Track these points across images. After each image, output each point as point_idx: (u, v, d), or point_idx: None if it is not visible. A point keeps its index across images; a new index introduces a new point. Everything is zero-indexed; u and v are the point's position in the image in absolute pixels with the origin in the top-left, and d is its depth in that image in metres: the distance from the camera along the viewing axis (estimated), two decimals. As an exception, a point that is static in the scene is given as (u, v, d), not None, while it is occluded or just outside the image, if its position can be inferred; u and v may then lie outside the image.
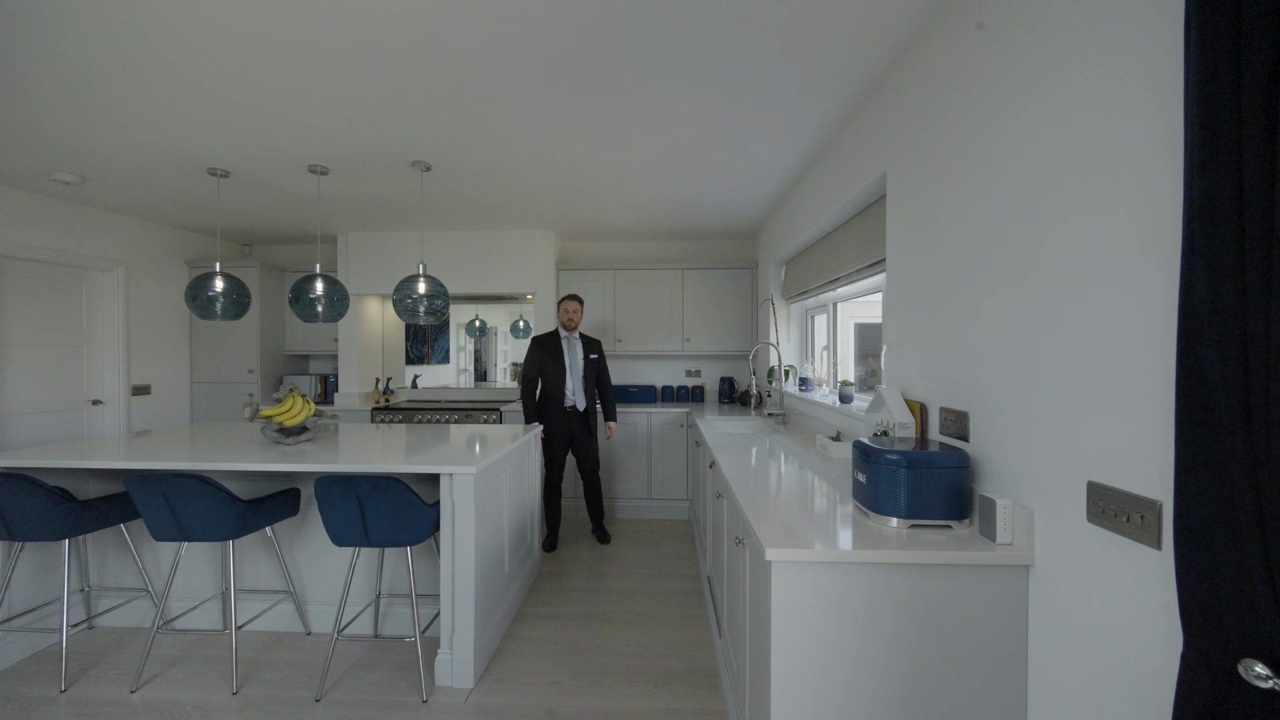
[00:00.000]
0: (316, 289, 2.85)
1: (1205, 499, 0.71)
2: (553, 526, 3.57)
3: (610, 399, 3.69)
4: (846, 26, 1.67)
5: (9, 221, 3.23)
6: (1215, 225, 0.67)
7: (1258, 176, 0.63)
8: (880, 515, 1.41)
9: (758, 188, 3.31)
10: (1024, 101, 1.22)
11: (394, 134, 2.49)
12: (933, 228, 1.63)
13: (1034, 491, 1.20)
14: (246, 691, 2.10)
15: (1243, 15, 0.64)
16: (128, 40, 1.74)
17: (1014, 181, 1.25)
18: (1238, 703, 0.69)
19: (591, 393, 3.57)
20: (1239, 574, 0.68)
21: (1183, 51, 0.75)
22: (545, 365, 3.45)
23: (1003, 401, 1.30)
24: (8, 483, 2.04)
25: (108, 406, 3.86)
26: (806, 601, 1.26)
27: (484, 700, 2.04)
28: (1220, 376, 0.67)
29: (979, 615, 1.24)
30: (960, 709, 1.24)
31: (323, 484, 1.98)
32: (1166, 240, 0.87)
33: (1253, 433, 0.64)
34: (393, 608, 2.52)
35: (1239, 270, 0.65)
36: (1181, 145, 0.80)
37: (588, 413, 3.53)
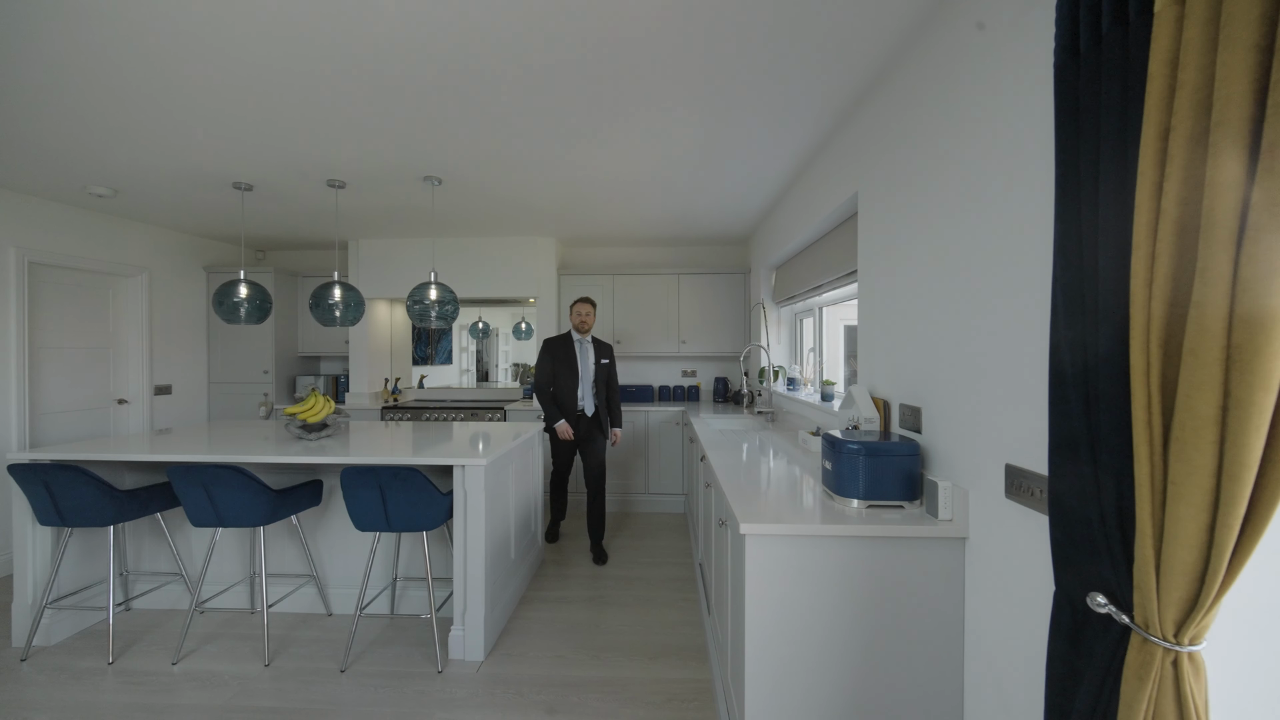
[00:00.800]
0: (335, 295, 3.06)
1: (1065, 472, 0.91)
2: (556, 517, 3.70)
3: (618, 405, 3.66)
4: (822, 59, 1.88)
5: (45, 232, 3.44)
6: (1065, 260, 0.87)
7: (1102, 231, 0.83)
8: (843, 497, 1.61)
9: (748, 199, 3.52)
10: (960, 151, 1.43)
11: (408, 153, 2.69)
12: (895, 245, 1.84)
13: (969, 474, 1.40)
14: (277, 664, 2.31)
15: (1080, 114, 0.84)
16: (164, 70, 1.95)
17: (954, 214, 1.46)
18: (1089, 627, 0.89)
19: (602, 397, 3.54)
20: (1087, 529, 0.88)
21: (1055, 149, 0.95)
22: (557, 369, 3.42)
23: (947, 398, 1.51)
24: (62, 473, 2.25)
25: (132, 405, 4.07)
26: (776, 570, 1.46)
27: (494, 671, 2.25)
28: (1070, 375, 0.88)
29: (924, 579, 1.45)
30: (909, 658, 1.45)
31: (348, 474, 2.19)
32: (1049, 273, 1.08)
33: (1090, 419, 0.85)
34: (407, 590, 2.72)
35: (1079, 293, 0.85)
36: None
37: (598, 417, 3.50)
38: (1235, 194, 0.63)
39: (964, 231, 1.41)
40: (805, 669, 1.46)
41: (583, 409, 3.46)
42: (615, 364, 3.73)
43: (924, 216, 1.63)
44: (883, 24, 1.65)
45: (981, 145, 1.34)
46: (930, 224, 1.59)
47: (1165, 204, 0.70)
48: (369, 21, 1.64)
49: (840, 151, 2.38)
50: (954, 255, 1.46)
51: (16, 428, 3.28)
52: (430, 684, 2.17)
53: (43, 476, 2.26)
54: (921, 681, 1.44)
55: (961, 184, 1.43)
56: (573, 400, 3.42)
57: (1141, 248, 0.73)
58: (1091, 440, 0.85)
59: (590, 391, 3.47)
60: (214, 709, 2.04)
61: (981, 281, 1.34)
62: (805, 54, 1.81)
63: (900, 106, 1.79)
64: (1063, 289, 0.89)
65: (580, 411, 3.45)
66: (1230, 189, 0.64)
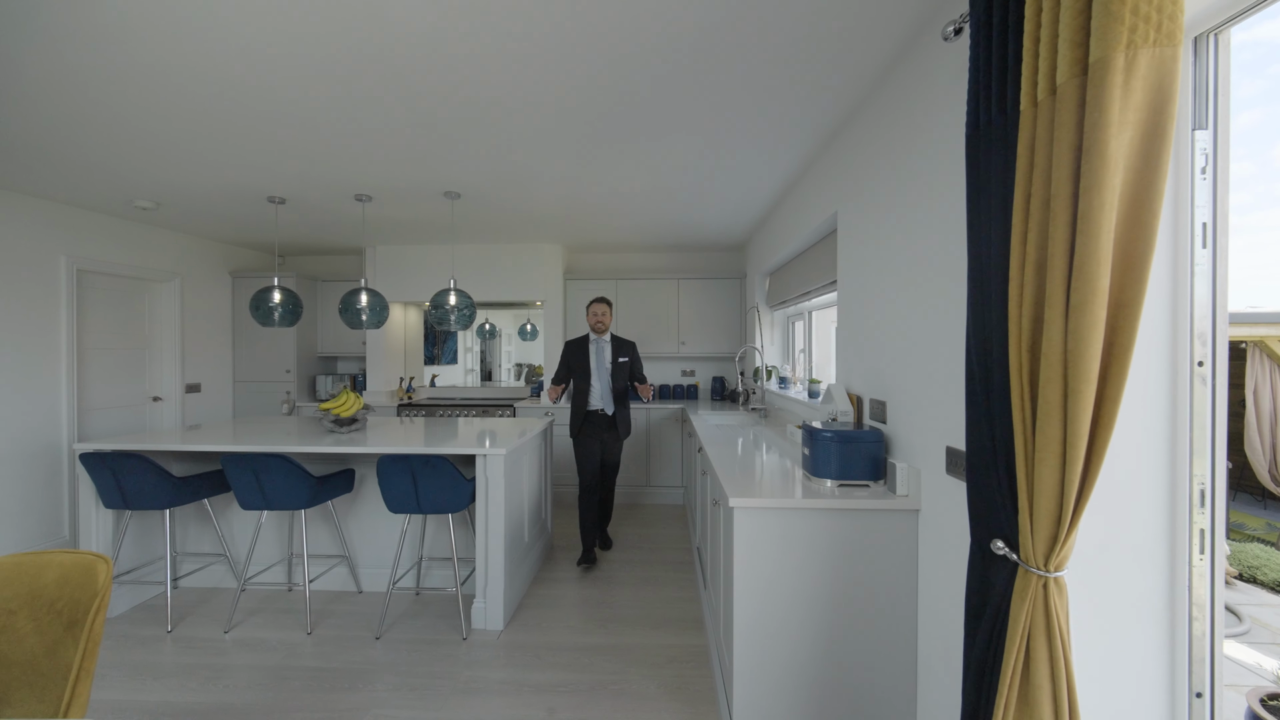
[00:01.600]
0: (362, 300, 3.33)
1: (977, 449, 1.18)
2: (589, 543, 3.37)
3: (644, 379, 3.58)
4: (805, 95, 2.15)
5: (91, 241, 3.71)
6: (973, 286, 1.14)
7: (990, 266, 1.10)
8: (819, 478, 1.88)
9: (742, 212, 3.78)
10: (908, 190, 1.70)
11: (432, 172, 2.96)
12: (867, 262, 2.11)
13: (922, 456, 1.67)
14: (318, 633, 2.58)
15: (980, 174, 1.11)
16: (209, 102, 2.21)
17: (906, 240, 1.73)
18: (993, 566, 1.16)
19: (620, 398, 3.48)
20: (990, 492, 1.15)
21: (965, 198, 1.22)
22: (573, 369, 3.44)
23: (906, 393, 1.77)
24: (127, 461, 2.52)
25: (166, 403, 4.33)
26: (760, 538, 1.73)
27: (512, 639, 2.52)
28: (977, 374, 1.15)
29: (886, 545, 1.71)
30: (874, 609, 1.71)
31: (384, 462, 2.46)
32: (979, 286, 1.34)
33: (989, 407, 1.12)
34: (431, 569, 2.99)
35: (982, 310, 1.12)
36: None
37: (617, 419, 3.45)
38: (1066, 244, 0.90)
39: (913, 256, 1.68)
40: (785, 622, 1.73)
41: (600, 409, 3.42)
42: (640, 361, 3.63)
43: (887, 239, 1.90)
44: (852, 71, 1.92)
45: (920, 187, 1.61)
46: (891, 246, 1.86)
47: (1028, 249, 0.97)
48: (406, 70, 1.90)
49: (823, 173, 2.65)
50: (907, 274, 1.73)
51: (67, 422, 3.55)
52: (456, 649, 2.44)
53: (110, 464, 2.53)
54: (884, 627, 1.71)
55: (910, 216, 1.69)
56: (585, 401, 3.41)
57: (1015, 280, 1.00)
58: (990, 423, 1.12)
59: (608, 391, 3.41)
60: (266, 668, 2.30)
61: (926, 297, 1.60)
62: (788, 92, 2.09)
63: (869, 139, 2.06)
64: (971, 308, 1.16)
65: (599, 411, 3.42)
66: (1062, 240, 0.90)
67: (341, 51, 1.79)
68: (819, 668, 1.72)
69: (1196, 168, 1.07)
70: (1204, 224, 1.07)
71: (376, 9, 1.57)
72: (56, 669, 1.14)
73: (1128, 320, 0.88)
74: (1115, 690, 1.13)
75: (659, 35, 1.70)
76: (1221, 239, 1.08)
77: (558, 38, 1.72)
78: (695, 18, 1.61)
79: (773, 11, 1.58)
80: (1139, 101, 0.82)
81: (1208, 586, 1.09)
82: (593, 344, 3.46)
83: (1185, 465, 1.09)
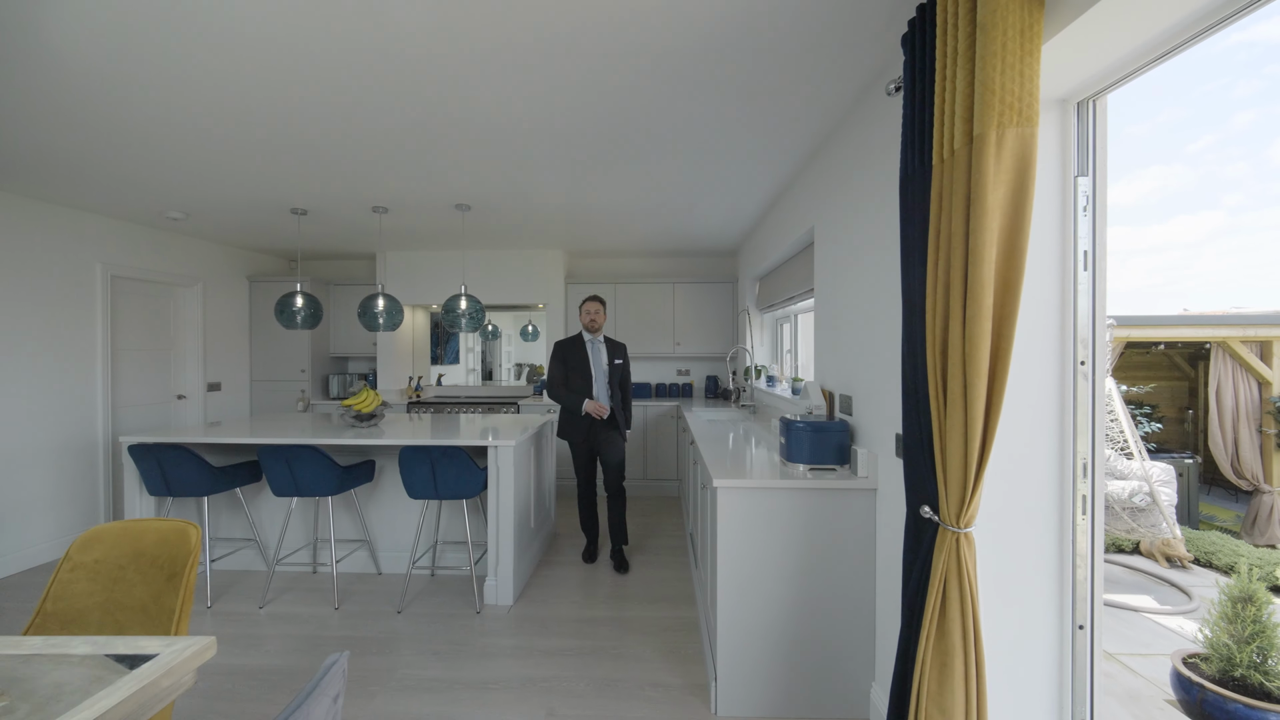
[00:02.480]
0: (379, 305, 3.59)
1: (910, 433, 1.45)
2: (591, 536, 3.52)
3: (629, 406, 3.53)
4: (779, 126, 2.42)
5: (123, 249, 3.96)
6: (905, 301, 1.41)
7: (915, 285, 1.37)
8: (792, 463, 2.15)
9: (732, 223, 4.05)
10: (864, 216, 1.96)
11: (444, 186, 3.22)
12: (839, 272, 2.38)
13: (878, 442, 1.94)
14: (345, 608, 2.84)
15: (909, 211, 1.38)
16: (241, 127, 2.48)
17: (868, 258, 2.00)
18: (923, 530, 1.43)
19: (617, 398, 3.43)
20: (919, 467, 1.42)
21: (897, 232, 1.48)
22: (570, 372, 3.34)
23: (867, 388, 2.04)
24: (172, 452, 2.78)
25: (189, 400, 4.59)
26: (740, 515, 2.00)
27: (522, 612, 2.78)
28: (908, 370, 1.41)
29: (848, 520, 1.98)
30: (837, 576, 1.98)
31: (406, 452, 2.72)
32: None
33: (918, 398, 1.39)
34: (445, 552, 3.25)
35: (910, 322, 1.39)
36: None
37: (614, 418, 3.39)
38: (962, 271, 1.17)
39: (870, 274, 1.95)
40: (762, 588, 2.00)
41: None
42: (629, 364, 3.59)
43: (854, 255, 2.17)
44: (820, 109, 2.19)
45: (873, 214, 1.88)
46: (855, 263, 2.13)
47: (937, 273, 1.24)
48: (429, 102, 2.17)
49: (802, 190, 2.92)
50: (867, 290, 2.00)
51: (102, 419, 3.80)
52: (471, 621, 2.71)
53: (156, 455, 2.79)
54: (846, 588, 1.98)
55: (867, 240, 1.96)
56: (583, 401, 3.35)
57: (930, 298, 1.27)
58: (918, 412, 1.39)
59: (605, 393, 3.37)
60: (299, 637, 2.57)
61: (880, 309, 1.87)
62: (765, 124, 2.35)
63: (836, 165, 2.33)
64: (904, 319, 1.42)
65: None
66: (960, 268, 1.17)
67: (371, 90, 2.06)
68: (792, 626, 1.99)
69: (1079, 206, 1.34)
70: (1085, 251, 1.34)
71: (402, 57, 1.84)
72: (162, 611, 1.40)
73: (1008, 329, 1.15)
74: (1013, 622, 1.40)
75: (651, 76, 1.97)
76: (1100, 263, 1.35)
77: (561, 79, 1.98)
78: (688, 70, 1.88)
79: (750, 61, 1.85)
80: (1008, 165, 1.09)
81: (1088, 541, 1.36)
82: (589, 344, 3.37)
83: (1070, 444, 1.36)
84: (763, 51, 1.79)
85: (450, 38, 1.72)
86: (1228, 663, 2.13)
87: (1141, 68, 1.21)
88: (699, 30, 1.67)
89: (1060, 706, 1.39)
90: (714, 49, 1.78)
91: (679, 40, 1.73)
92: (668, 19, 1.62)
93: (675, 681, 2.21)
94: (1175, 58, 1.15)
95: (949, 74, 1.18)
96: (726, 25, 1.64)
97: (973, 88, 1.12)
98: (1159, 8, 1.03)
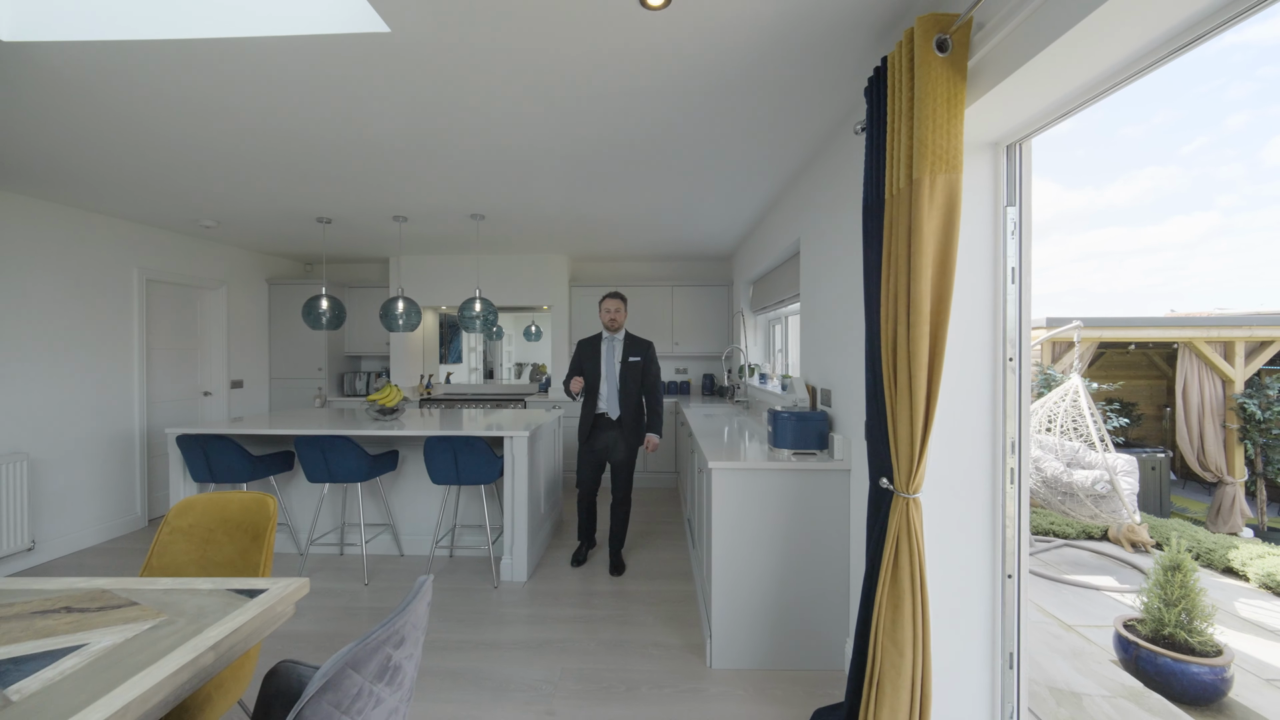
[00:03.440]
0: (399, 308, 3.87)
1: (872, 417, 1.74)
2: (585, 543, 3.43)
3: (656, 408, 3.31)
4: (766, 153, 2.71)
5: (157, 255, 4.23)
6: (867, 310, 1.70)
7: (874, 296, 1.66)
8: (778, 448, 2.44)
9: (726, 232, 4.35)
10: (839, 232, 2.25)
11: (461, 198, 3.50)
12: (820, 280, 2.67)
13: (851, 429, 2.23)
14: (373, 584, 3.12)
15: (869, 236, 1.67)
16: (275, 152, 2.76)
17: (843, 268, 2.29)
18: (882, 498, 1.72)
19: (630, 401, 3.22)
20: (879, 445, 1.71)
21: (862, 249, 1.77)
22: (584, 368, 3.27)
23: (843, 382, 2.33)
24: (217, 442, 3.05)
25: (214, 397, 4.85)
26: (731, 493, 2.28)
27: (535, 587, 3.07)
28: (869, 366, 1.70)
29: (826, 497, 2.27)
30: (817, 546, 2.27)
31: (431, 442, 3.00)
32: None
33: (877, 389, 1.68)
34: (463, 535, 3.54)
35: (871, 325, 1.68)
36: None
37: (624, 423, 3.20)
38: (905, 285, 1.46)
39: (844, 282, 2.24)
40: (750, 556, 2.28)
41: (604, 411, 3.22)
42: (655, 361, 3.33)
43: (830, 267, 2.46)
44: (802, 139, 2.48)
45: (845, 232, 2.17)
46: (833, 273, 2.42)
47: (888, 286, 1.53)
48: (447, 127, 2.45)
49: (789, 204, 3.21)
50: (843, 296, 2.29)
51: (138, 414, 4.07)
52: (489, 594, 2.99)
53: (202, 445, 3.06)
54: (824, 557, 2.27)
55: (840, 253, 2.25)
56: (592, 401, 3.25)
57: (884, 307, 1.56)
58: (878, 400, 1.68)
59: (614, 393, 3.20)
60: (334, 608, 2.84)
61: (851, 314, 2.16)
62: (756, 151, 2.65)
63: (818, 187, 2.62)
64: (866, 323, 1.72)
65: (603, 414, 3.22)
66: (904, 283, 1.46)
67: (398, 122, 2.34)
68: (777, 590, 2.28)
69: (1008, 231, 1.63)
70: (1013, 268, 1.63)
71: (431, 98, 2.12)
72: (248, 565, 1.68)
73: (942, 332, 1.44)
74: (955, 572, 1.69)
75: (653, 110, 2.26)
76: (1025, 277, 1.64)
77: (575, 112, 2.27)
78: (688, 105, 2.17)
79: (742, 99, 2.14)
80: (939, 202, 1.38)
81: (1015, 505, 1.65)
82: (605, 342, 3.26)
83: (1001, 426, 1.66)
84: (754, 90, 2.08)
85: (472, 69, 2.00)
86: (1159, 623, 2.44)
87: (1056, 119, 1.50)
88: (700, 73, 1.96)
89: (993, 641, 1.68)
90: (712, 89, 2.07)
91: (683, 82, 2.01)
92: (674, 66, 1.90)
93: (675, 642, 2.50)
94: (1094, 104, 1.43)
95: (896, 128, 1.47)
96: (725, 68, 1.93)
97: (913, 141, 1.41)
98: (1054, 79, 1.32)
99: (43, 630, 1.15)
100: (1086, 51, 1.20)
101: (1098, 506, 3.93)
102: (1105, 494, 3.85)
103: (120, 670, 1.01)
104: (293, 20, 1.61)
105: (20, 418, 3.35)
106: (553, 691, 2.14)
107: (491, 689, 2.16)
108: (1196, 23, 1.08)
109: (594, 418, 3.23)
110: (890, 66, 1.50)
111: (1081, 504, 3.96)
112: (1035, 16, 1.22)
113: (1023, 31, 1.25)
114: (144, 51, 1.78)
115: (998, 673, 1.67)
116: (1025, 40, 1.25)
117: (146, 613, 1.23)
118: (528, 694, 2.13)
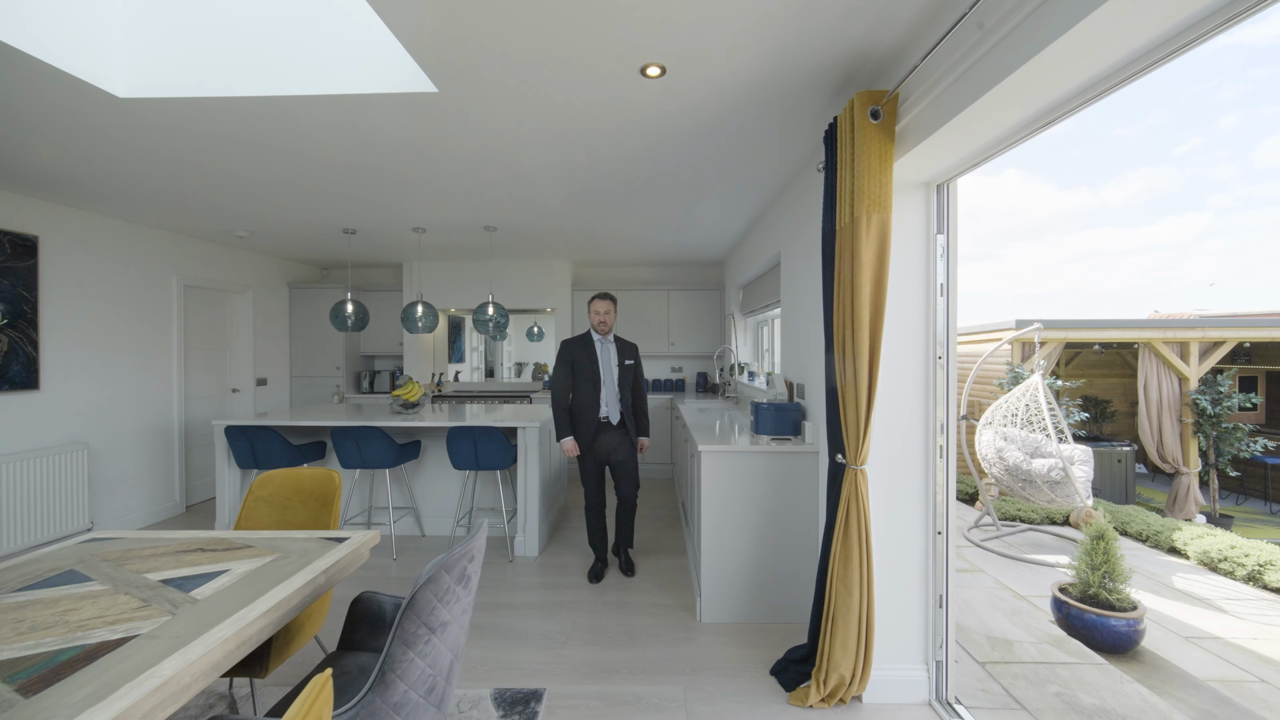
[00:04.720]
0: (418, 311, 4.24)
1: (830, 405, 2.12)
2: (599, 553, 3.27)
3: (644, 411, 3.33)
4: (751, 177, 3.10)
5: (193, 262, 4.59)
6: (827, 320, 2.09)
7: (829, 306, 2.04)
8: (759, 435, 2.82)
9: (717, 241, 4.74)
10: (808, 248, 2.64)
11: (475, 212, 3.88)
12: (796, 289, 3.05)
13: (820, 418, 2.61)
14: (400, 559, 3.49)
15: (827, 259, 2.06)
16: (301, 173, 3.13)
17: (812, 283, 2.67)
18: (838, 472, 2.10)
19: (626, 404, 3.21)
20: (836, 428, 2.09)
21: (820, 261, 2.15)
22: (577, 374, 3.13)
23: (814, 377, 2.72)
24: (262, 433, 3.42)
25: (241, 394, 5.21)
26: (718, 473, 2.66)
27: (546, 561, 3.45)
28: (829, 364, 2.09)
29: (799, 476, 2.66)
30: (791, 519, 2.65)
31: (454, 431, 3.38)
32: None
33: (831, 382, 2.06)
34: (479, 517, 3.91)
35: (829, 331, 2.06)
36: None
37: (625, 426, 3.18)
38: (849, 299, 1.84)
39: (813, 293, 2.62)
40: (734, 526, 2.67)
41: (606, 417, 3.14)
42: (641, 364, 3.36)
43: (803, 280, 2.84)
44: (775, 172, 2.87)
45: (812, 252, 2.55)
46: (806, 285, 2.81)
47: (840, 301, 1.91)
48: (472, 163, 2.83)
49: (771, 220, 3.60)
50: (813, 303, 2.67)
51: (177, 409, 4.43)
52: (505, 567, 3.37)
53: (248, 435, 3.43)
54: (798, 528, 2.66)
55: (810, 268, 2.64)
56: (594, 409, 3.13)
57: (836, 316, 1.94)
58: (834, 391, 2.07)
59: (615, 397, 3.16)
60: (368, 578, 3.22)
61: (817, 321, 2.55)
62: (739, 179, 3.03)
63: (792, 209, 3.01)
64: (824, 328, 2.10)
65: (604, 420, 3.15)
66: (849, 298, 1.85)
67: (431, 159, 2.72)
68: (757, 555, 2.66)
69: (937, 254, 2.02)
70: (941, 284, 2.02)
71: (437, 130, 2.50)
72: (320, 527, 2.05)
73: (878, 336, 1.83)
74: (896, 529, 2.08)
75: (648, 147, 2.64)
76: (952, 291, 2.03)
77: (578, 148, 2.65)
78: (679, 143, 2.56)
79: (724, 138, 2.53)
80: (874, 234, 1.77)
81: (944, 475, 2.04)
82: (598, 345, 3.18)
83: (932, 411, 2.05)
84: (734, 131, 2.47)
85: (500, 120, 2.38)
86: (1086, 585, 2.83)
87: (974, 165, 1.88)
88: (691, 119, 2.34)
89: (925, 585, 2.07)
90: (701, 131, 2.46)
91: (677, 126, 2.40)
92: (669, 116, 2.28)
93: (669, 602, 2.88)
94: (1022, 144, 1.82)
95: (842, 175, 1.86)
96: (711, 116, 2.31)
97: (854, 186, 1.80)
98: (965, 137, 1.70)
99: (190, 561, 1.52)
100: (989, 117, 1.57)
101: (1053, 492, 4.33)
102: (1059, 480, 4.25)
103: (264, 583, 1.38)
104: (361, 79, 1.98)
105: (81, 410, 3.71)
106: (565, 640, 2.53)
107: (513, 638, 2.54)
108: (1086, 88, 1.44)
109: (596, 424, 3.14)
110: (839, 126, 1.89)
111: (1039, 490, 4.36)
112: (945, 94, 1.60)
113: (936, 104, 1.64)
114: (228, 103, 2.15)
115: (930, 611, 2.06)
116: (939, 110, 1.63)
117: (263, 552, 1.61)
118: (544, 641, 2.51)
